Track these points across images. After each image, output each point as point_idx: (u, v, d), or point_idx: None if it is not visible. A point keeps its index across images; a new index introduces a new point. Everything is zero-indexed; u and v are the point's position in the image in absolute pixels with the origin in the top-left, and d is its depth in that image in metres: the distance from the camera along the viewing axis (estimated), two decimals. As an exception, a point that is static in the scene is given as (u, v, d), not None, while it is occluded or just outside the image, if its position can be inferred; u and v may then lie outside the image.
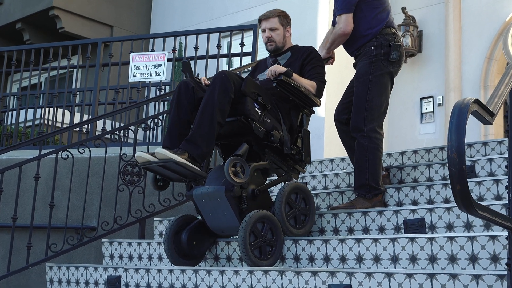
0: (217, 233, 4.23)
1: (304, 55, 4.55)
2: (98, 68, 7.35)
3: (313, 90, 4.37)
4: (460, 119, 2.01)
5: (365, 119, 4.57)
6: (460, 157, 1.95)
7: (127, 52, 7.21)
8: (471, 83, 9.56)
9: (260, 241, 3.86)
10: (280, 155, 4.26)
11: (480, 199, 4.17)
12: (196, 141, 3.81)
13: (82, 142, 5.37)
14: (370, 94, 4.59)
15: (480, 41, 9.61)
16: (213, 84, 3.93)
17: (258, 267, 3.72)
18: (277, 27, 4.60)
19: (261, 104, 4.05)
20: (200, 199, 4.07)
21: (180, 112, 4.02)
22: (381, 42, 4.66)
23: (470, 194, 1.96)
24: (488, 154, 5.12)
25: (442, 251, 3.35)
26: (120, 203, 5.66)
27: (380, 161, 4.59)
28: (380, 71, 4.63)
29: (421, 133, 9.92)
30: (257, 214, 3.85)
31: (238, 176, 3.76)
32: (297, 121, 4.39)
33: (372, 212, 4.17)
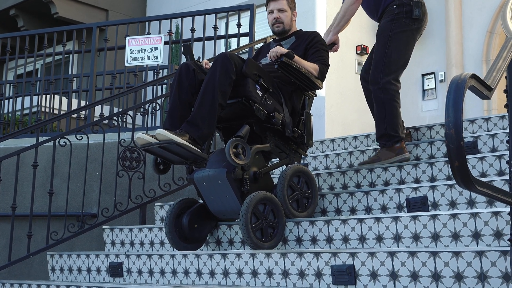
0: (219, 217, 4.25)
1: (308, 39, 4.57)
2: (94, 53, 7.34)
3: (315, 72, 4.39)
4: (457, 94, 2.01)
5: (382, 72, 4.81)
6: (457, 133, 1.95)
7: (123, 36, 7.19)
8: (472, 58, 9.54)
9: (261, 223, 3.88)
10: (282, 138, 4.28)
11: (482, 175, 4.18)
12: (197, 123, 3.82)
13: (79, 129, 5.38)
14: (389, 50, 4.82)
15: (480, 15, 9.57)
16: (214, 65, 3.94)
17: (260, 249, 3.75)
18: (285, 9, 4.63)
19: (263, 86, 4.06)
20: (201, 182, 4.09)
21: (181, 94, 4.03)
22: (403, 1, 4.85)
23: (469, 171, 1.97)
24: (491, 129, 5.12)
25: (445, 228, 3.37)
26: (120, 189, 5.67)
27: (397, 111, 4.82)
28: (401, 28, 4.84)
29: (423, 110, 9.92)
30: (259, 195, 3.87)
31: (239, 157, 3.78)
32: (299, 104, 4.41)
33: (374, 191, 4.18)
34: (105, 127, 5.66)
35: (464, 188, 2.00)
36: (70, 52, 7.87)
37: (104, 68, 7.23)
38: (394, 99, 4.82)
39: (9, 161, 5.68)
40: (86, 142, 5.44)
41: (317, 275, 3.33)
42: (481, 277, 2.80)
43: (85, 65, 7.66)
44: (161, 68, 7.42)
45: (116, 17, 12.24)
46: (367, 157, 5.19)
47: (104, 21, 11.24)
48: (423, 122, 9.24)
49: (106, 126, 5.88)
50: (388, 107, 4.80)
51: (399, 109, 4.86)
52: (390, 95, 4.80)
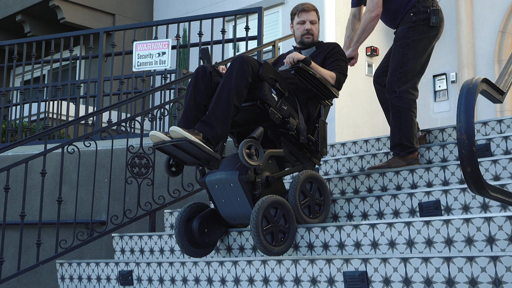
0: (229, 222, 4.26)
1: (328, 49, 4.65)
2: (101, 58, 7.37)
3: (332, 80, 4.45)
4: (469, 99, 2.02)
5: (399, 81, 4.83)
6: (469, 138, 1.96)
7: (130, 41, 7.22)
8: (484, 58, 9.52)
9: (272, 227, 3.88)
10: (296, 145, 4.30)
11: (496, 178, 4.17)
12: (211, 123, 3.84)
13: (88, 135, 5.40)
14: (406, 57, 4.85)
15: (492, 14, 9.56)
16: (231, 67, 3.98)
17: (270, 254, 3.76)
18: (316, 21, 4.74)
19: (278, 90, 4.10)
20: (213, 185, 4.11)
21: (196, 96, 4.06)
22: (420, 9, 4.88)
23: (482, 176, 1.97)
24: (504, 131, 5.11)
25: (458, 233, 3.36)
26: (129, 196, 5.69)
27: (412, 121, 4.84)
28: (419, 36, 4.87)
29: (435, 112, 9.90)
30: (271, 198, 3.88)
31: (252, 158, 3.80)
32: (315, 112, 4.45)
33: (386, 196, 4.18)
34: (113, 133, 5.69)
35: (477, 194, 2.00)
36: (77, 58, 7.90)
37: (111, 74, 7.26)
38: (411, 109, 4.83)
39: (17, 169, 5.71)
40: (95, 148, 5.46)
41: (330, 282, 3.34)
42: (496, 282, 2.80)
43: (92, 70, 7.71)
44: (169, 73, 7.44)
45: (123, 21, 12.29)
46: (378, 161, 5.20)
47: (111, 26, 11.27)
48: (434, 124, 9.24)
49: (114, 132, 5.90)
50: (404, 117, 4.81)
51: (415, 119, 4.88)
52: (406, 104, 4.82)
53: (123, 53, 7.25)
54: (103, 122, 7.33)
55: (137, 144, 5.56)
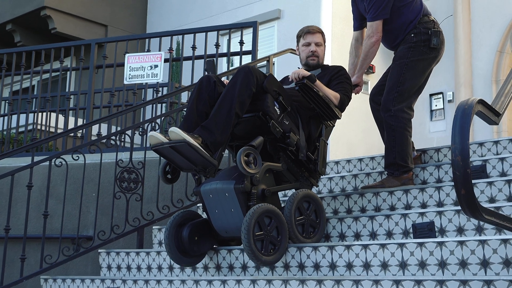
0: (221, 234, 4.24)
1: (333, 72, 4.74)
2: (92, 70, 7.36)
3: (336, 100, 4.53)
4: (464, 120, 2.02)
5: (394, 100, 4.84)
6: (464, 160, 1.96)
7: (122, 53, 7.23)
8: (482, 78, 9.57)
9: (264, 235, 3.88)
10: (295, 162, 4.32)
11: (491, 201, 4.18)
12: (211, 128, 3.88)
13: (76, 149, 5.39)
14: (403, 77, 4.86)
15: (490, 34, 9.61)
16: (236, 76, 4.03)
17: (260, 262, 3.77)
18: (322, 43, 4.86)
19: (281, 104, 4.14)
20: (207, 194, 4.11)
21: (198, 104, 4.10)
22: (421, 30, 4.91)
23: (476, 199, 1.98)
24: (500, 152, 5.12)
25: (452, 256, 3.36)
26: (117, 211, 5.67)
27: (407, 140, 4.85)
28: (418, 56, 4.89)
29: (431, 131, 9.93)
30: (267, 206, 3.89)
31: (250, 166, 3.83)
32: (316, 131, 4.50)
33: (380, 216, 4.18)
34: (102, 147, 5.68)
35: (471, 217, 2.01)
36: (68, 69, 7.92)
37: (102, 86, 7.27)
38: (406, 128, 4.85)
39: (3, 181, 5.69)
40: (83, 162, 5.45)
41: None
42: (489, 307, 2.79)
43: (83, 82, 7.70)
44: (161, 86, 7.44)
45: (115, 33, 12.30)
46: (372, 180, 5.20)
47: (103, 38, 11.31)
48: (430, 143, 9.26)
49: (104, 145, 5.89)
50: (398, 136, 4.82)
51: (409, 138, 4.89)
52: (401, 123, 4.83)
53: (114, 65, 7.26)
54: (93, 135, 7.32)
55: (127, 158, 5.55)
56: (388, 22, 4.96)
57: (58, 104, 7.39)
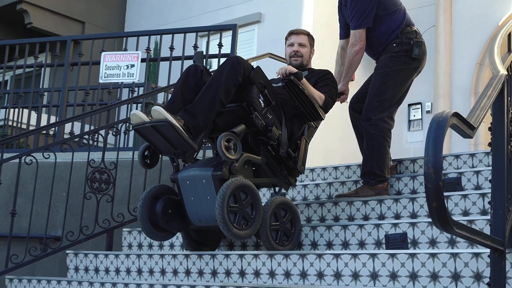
0: (194, 223, 4.26)
1: (320, 75, 4.84)
2: (67, 67, 7.33)
3: (320, 101, 4.62)
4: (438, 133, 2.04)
5: (376, 109, 4.88)
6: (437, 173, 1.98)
7: (98, 51, 7.20)
8: (461, 90, 9.65)
9: (239, 208, 3.93)
10: (275, 158, 4.38)
11: (465, 214, 4.21)
12: (194, 112, 3.94)
13: (47, 147, 5.36)
14: (384, 86, 4.90)
15: (471, 46, 9.70)
16: (223, 64, 4.11)
17: (232, 234, 3.84)
18: (306, 44, 4.96)
19: (266, 98, 4.20)
20: (185, 180, 4.14)
21: (184, 90, 4.16)
22: (403, 40, 4.96)
23: (447, 212, 1.99)
24: (476, 165, 5.16)
25: (423, 268, 3.38)
26: (87, 212, 5.64)
27: (386, 150, 4.89)
28: (400, 66, 4.93)
29: (408, 141, 9.99)
30: (243, 181, 3.95)
31: (230, 152, 3.89)
32: (298, 131, 4.57)
33: (353, 225, 4.19)
34: (74, 146, 5.65)
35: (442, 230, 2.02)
36: (42, 65, 7.86)
37: (77, 84, 7.23)
38: (385, 138, 4.89)
39: (-29, 178, 5.63)
40: (54, 160, 5.41)
41: (289, 312, 3.33)
42: (458, 321, 2.81)
43: (57, 79, 7.64)
44: (137, 86, 7.42)
45: (92, 30, 12.24)
46: (347, 189, 5.22)
47: (79, 35, 11.24)
48: (407, 154, 9.31)
49: (76, 144, 5.86)
50: (377, 145, 4.85)
51: (388, 149, 4.93)
52: (381, 133, 4.87)
53: (90, 63, 7.22)
54: (65, 134, 7.27)
55: (99, 159, 5.52)
56: (371, 30, 5.00)
57: (31, 100, 7.34)
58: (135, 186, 5.87)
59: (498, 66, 2.94)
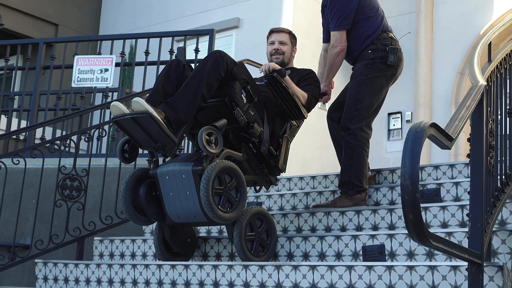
0: (173, 220, 4.27)
1: (302, 74, 4.89)
2: (38, 70, 7.29)
3: (303, 99, 4.68)
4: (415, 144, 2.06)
5: (353, 118, 4.90)
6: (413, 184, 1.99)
7: (71, 55, 7.17)
8: (442, 99, 9.72)
9: (223, 191, 3.97)
10: (256, 156, 4.43)
11: (444, 226, 4.24)
12: (175, 106, 3.95)
13: (17, 152, 5.32)
14: (361, 95, 4.92)
15: (452, 55, 9.78)
16: (206, 58, 4.13)
17: (215, 215, 3.87)
18: (287, 42, 5.02)
19: (249, 94, 4.24)
20: (164, 176, 4.15)
21: (165, 84, 4.18)
22: (378, 46, 4.99)
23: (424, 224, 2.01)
24: (455, 177, 5.20)
25: (401, 280, 3.39)
26: (57, 220, 5.61)
27: (364, 160, 4.91)
28: (376, 73, 4.96)
29: (388, 151, 10.04)
30: (229, 163, 4.01)
31: (211, 146, 3.90)
32: (280, 129, 4.63)
33: (329, 236, 4.20)
34: (45, 152, 5.61)
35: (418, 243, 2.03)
36: (13, 68, 7.79)
37: (48, 88, 7.18)
38: (363, 147, 4.90)
39: None
40: (24, 166, 5.37)
41: (263, 325, 3.32)
42: (435, 335, 2.83)
43: (28, 83, 7.62)
44: (111, 91, 7.39)
45: (66, 33, 12.18)
46: (324, 199, 5.23)
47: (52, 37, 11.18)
48: (387, 164, 9.35)
49: (47, 150, 5.81)
50: (356, 155, 4.87)
51: (366, 158, 4.94)
52: (360, 142, 4.88)
53: (62, 66, 7.19)
54: (36, 139, 7.23)
55: (70, 165, 5.49)
56: (347, 34, 5.03)
57: (1, 104, 7.28)
58: (108, 194, 5.84)
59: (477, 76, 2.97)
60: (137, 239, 4.98)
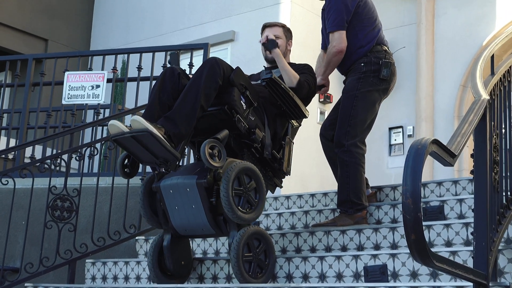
0: (180, 233, 4.32)
1: (299, 67, 4.92)
2: (28, 87, 7.29)
3: (295, 80, 4.73)
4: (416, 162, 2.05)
5: (347, 134, 4.89)
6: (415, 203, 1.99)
7: (62, 71, 7.17)
8: (444, 113, 9.72)
9: (243, 191, 4.08)
10: (259, 160, 4.46)
11: (448, 244, 4.23)
12: (175, 119, 3.95)
13: (6, 172, 5.31)
14: (355, 110, 4.92)
15: (454, 67, 9.80)
16: (202, 67, 4.12)
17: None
18: (281, 36, 5.03)
19: (248, 99, 4.25)
20: (168, 189, 4.17)
21: (162, 95, 4.18)
22: (372, 59, 4.99)
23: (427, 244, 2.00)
24: (459, 193, 5.19)
25: (404, 302, 3.38)
26: (47, 242, 5.59)
27: (361, 176, 4.89)
28: (368, 87, 4.96)
29: (389, 167, 10.03)
30: (248, 164, 4.12)
31: (214, 159, 3.91)
32: (282, 130, 4.66)
33: (330, 257, 4.19)
34: (35, 171, 5.60)
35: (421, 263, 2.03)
36: (2, 85, 7.80)
37: (38, 105, 7.18)
38: (360, 163, 4.89)
39: None
40: (13, 187, 5.36)
41: None
42: None
43: (17, 100, 7.61)
44: (102, 108, 7.39)
45: (56, 48, 12.19)
46: (324, 217, 5.22)
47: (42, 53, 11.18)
48: (388, 180, 9.34)
49: (36, 169, 5.80)
50: (352, 172, 4.86)
51: (363, 175, 4.94)
52: (355, 158, 4.87)
53: (52, 83, 7.20)
54: (26, 158, 7.22)
55: (61, 185, 5.48)
56: None
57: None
58: (100, 214, 5.83)
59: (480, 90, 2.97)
60: (131, 261, 4.96)
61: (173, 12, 11.81)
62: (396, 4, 10.56)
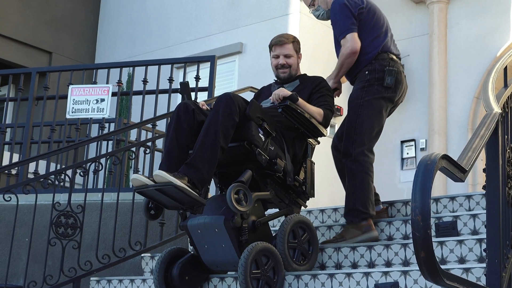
0: (212, 268, 4.38)
1: (313, 84, 4.87)
2: (31, 101, 7.32)
3: (320, 117, 4.68)
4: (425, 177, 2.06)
5: (354, 143, 4.92)
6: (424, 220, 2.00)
7: (66, 84, 7.21)
8: (457, 125, 9.71)
9: (298, 244, 4.27)
10: (282, 187, 4.48)
11: (461, 261, 4.22)
12: (197, 165, 3.99)
13: (9, 188, 5.34)
14: (360, 118, 4.95)
15: (468, 78, 9.79)
16: (217, 106, 4.13)
17: None
18: (292, 54, 4.95)
19: (266, 130, 4.27)
20: (195, 229, 4.21)
21: (179, 136, 4.22)
22: (376, 67, 5.01)
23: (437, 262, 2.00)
24: (472, 208, 5.17)
25: (416, 321, 3.38)
26: (51, 259, 5.60)
27: (369, 185, 4.90)
28: (373, 95, 4.97)
29: (401, 181, 10.01)
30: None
31: (241, 204, 3.95)
32: (301, 151, 4.69)
33: (340, 274, 4.19)
34: (38, 187, 5.62)
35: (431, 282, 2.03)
36: (5, 99, 7.84)
37: (42, 119, 7.22)
38: (367, 172, 4.91)
39: None
40: (16, 203, 5.38)
41: None
42: None
43: (20, 114, 7.65)
44: (107, 122, 7.42)
45: (60, 61, 12.24)
46: (334, 233, 5.22)
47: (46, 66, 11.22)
48: (400, 194, 9.31)
49: (40, 185, 5.83)
50: (359, 180, 4.88)
51: (371, 184, 4.94)
52: (363, 167, 4.89)
53: (56, 97, 7.23)
54: (29, 173, 7.24)
55: (65, 201, 5.51)
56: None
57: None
58: (105, 231, 5.85)
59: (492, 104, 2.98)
60: (136, 278, 4.97)
61: (179, 24, 11.85)
62: (408, 15, 10.58)
